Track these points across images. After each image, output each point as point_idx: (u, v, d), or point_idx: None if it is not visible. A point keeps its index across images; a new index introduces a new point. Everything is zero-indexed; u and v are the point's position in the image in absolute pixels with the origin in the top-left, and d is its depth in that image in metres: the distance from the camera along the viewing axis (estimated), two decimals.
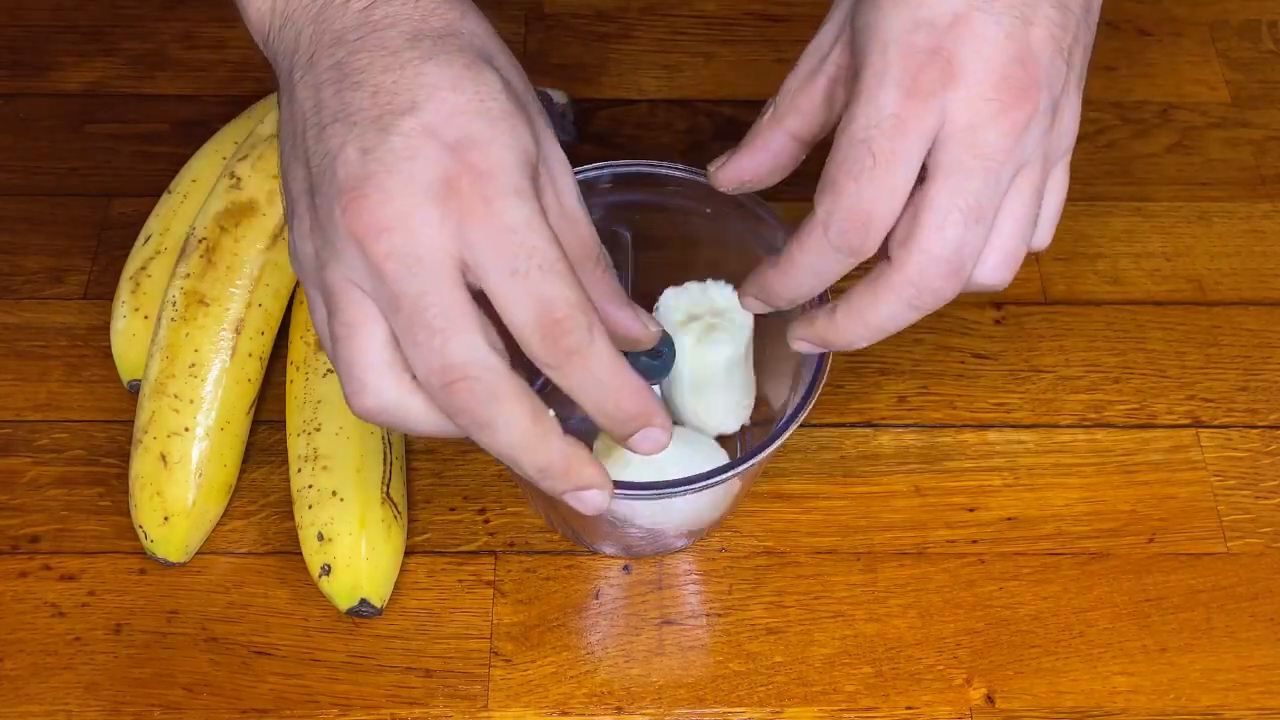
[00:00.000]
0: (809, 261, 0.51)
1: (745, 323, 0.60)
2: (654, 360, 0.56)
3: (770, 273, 0.53)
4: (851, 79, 0.51)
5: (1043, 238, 0.54)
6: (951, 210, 0.48)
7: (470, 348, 0.46)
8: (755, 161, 0.54)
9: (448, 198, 0.46)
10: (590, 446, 0.55)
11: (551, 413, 0.48)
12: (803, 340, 0.54)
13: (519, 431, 0.47)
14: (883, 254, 0.50)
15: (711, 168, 0.56)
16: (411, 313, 0.46)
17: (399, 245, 0.45)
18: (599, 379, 0.47)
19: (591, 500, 0.50)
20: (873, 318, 0.51)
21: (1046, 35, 0.48)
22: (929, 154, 0.48)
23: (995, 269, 0.51)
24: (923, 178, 0.49)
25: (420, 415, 0.48)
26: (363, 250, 0.46)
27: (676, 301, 0.59)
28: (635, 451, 0.50)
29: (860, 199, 0.48)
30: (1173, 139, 0.80)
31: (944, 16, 0.48)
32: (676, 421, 0.62)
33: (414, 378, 0.47)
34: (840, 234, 0.49)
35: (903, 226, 0.49)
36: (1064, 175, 0.53)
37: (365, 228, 0.45)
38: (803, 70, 0.53)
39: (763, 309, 0.55)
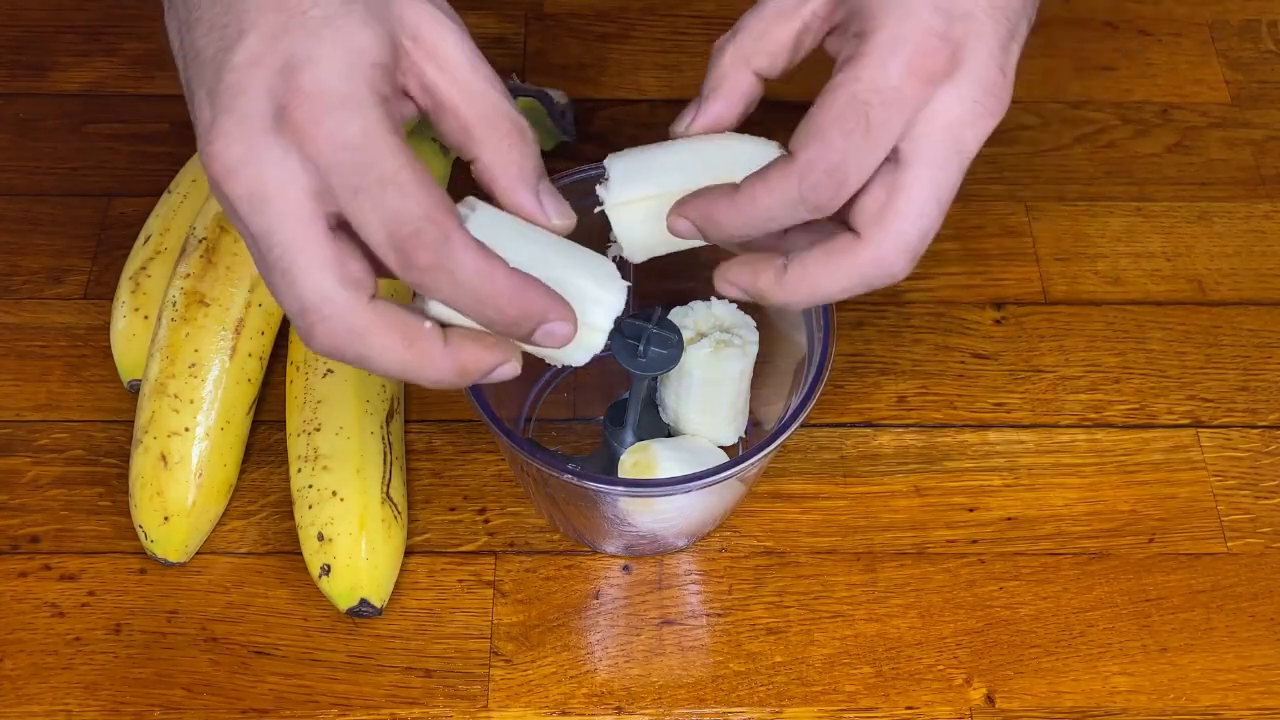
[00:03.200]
0: (770, 204, 0.49)
1: (752, 339, 0.60)
2: (662, 350, 0.56)
3: (722, 203, 0.50)
4: (839, 33, 0.51)
5: None
6: (930, 200, 0.49)
7: (317, 286, 0.45)
8: (729, 108, 0.53)
9: (283, 128, 0.45)
10: (614, 466, 0.54)
11: (428, 323, 0.46)
12: (735, 287, 0.53)
13: (396, 359, 0.46)
14: (836, 220, 0.50)
15: (680, 125, 0.53)
16: (263, 253, 0.45)
17: (247, 186, 0.45)
18: (469, 287, 0.45)
19: (506, 372, 0.48)
20: (826, 285, 0.50)
21: (1017, 55, 0.50)
22: (903, 136, 0.48)
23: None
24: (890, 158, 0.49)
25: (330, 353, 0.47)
26: (223, 195, 0.45)
27: (684, 320, 0.59)
28: (542, 347, 0.48)
29: (845, 158, 0.48)
30: (1173, 139, 0.80)
31: (960, 7, 0.48)
32: (678, 431, 0.62)
33: None
34: (814, 187, 0.48)
35: (874, 204, 0.49)
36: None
37: (218, 173, 0.45)
38: (770, 10, 0.52)
39: (693, 236, 0.52)
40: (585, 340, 0.50)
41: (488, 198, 0.50)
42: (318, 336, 0.46)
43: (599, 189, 0.52)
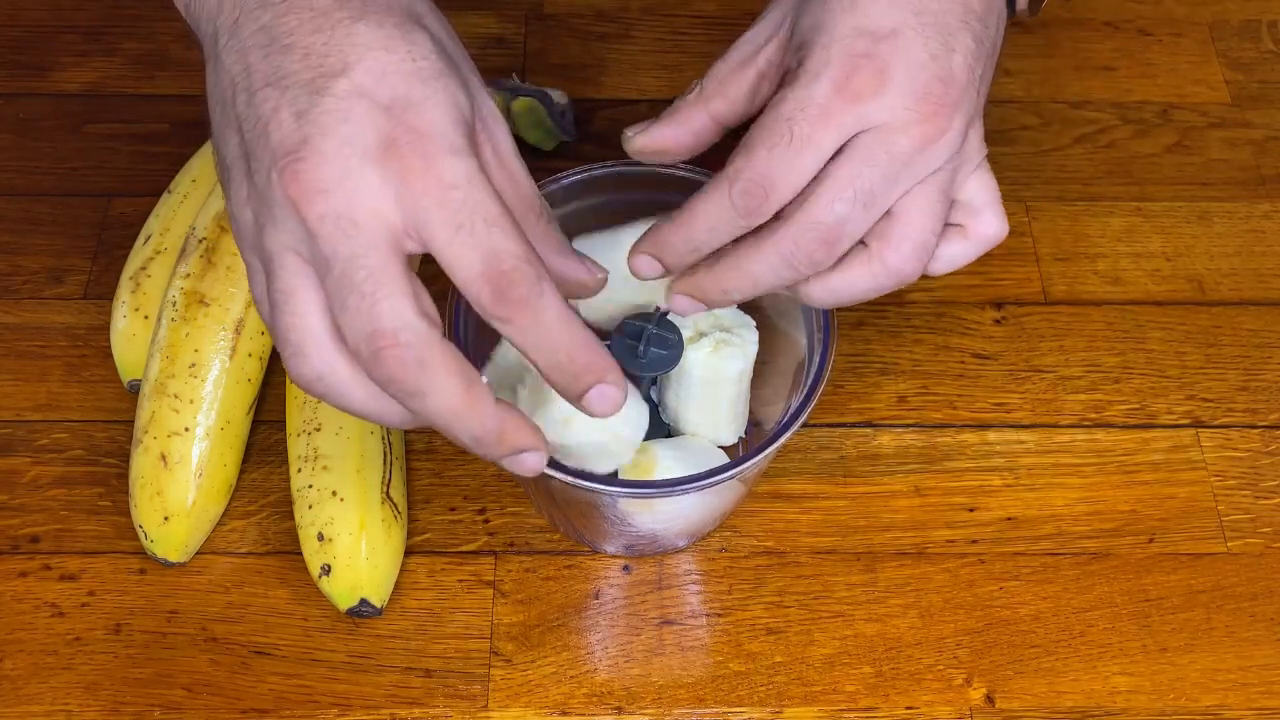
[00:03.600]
0: (708, 214, 0.52)
1: (752, 338, 0.60)
2: (661, 351, 0.57)
3: (667, 227, 0.54)
4: (782, 74, 0.54)
5: (989, 230, 0.57)
6: (846, 188, 0.51)
7: (399, 313, 0.45)
8: (675, 135, 0.56)
9: (387, 159, 0.45)
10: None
11: (485, 379, 0.47)
12: (681, 295, 0.55)
13: (450, 399, 0.46)
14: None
15: (630, 132, 0.57)
16: (342, 275, 0.45)
17: (335, 208, 0.45)
18: (549, 330, 0.47)
19: (527, 463, 0.49)
20: (751, 267, 0.53)
21: (964, 63, 0.52)
22: (843, 146, 0.52)
23: (907, 258, 0.53)
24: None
25: (354, 387, 0.47)
26: (299, 213, 0.45)
27: (682, 320, 0.59)
28: (590, 413, 0.49)
29: (769, 167, 0.51)
30: (1173, 139, 0.80)
31: (884, 28, 0.52)
32: (678, 431, 0.62)
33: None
34: (742, 194, 0.51)
35: (800, 194, 0.52)
36: (983, 177, 0.56)
37: (302, 191, 0.45)
38: (734, 59, 0.56)
39: (653, 270, 0.55)
40: (615, 449, 0.55)
41: None
42: (385, 362, 0.45)
43: None
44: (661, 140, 0.56)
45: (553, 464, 0.55)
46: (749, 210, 0.52)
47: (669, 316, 0.59)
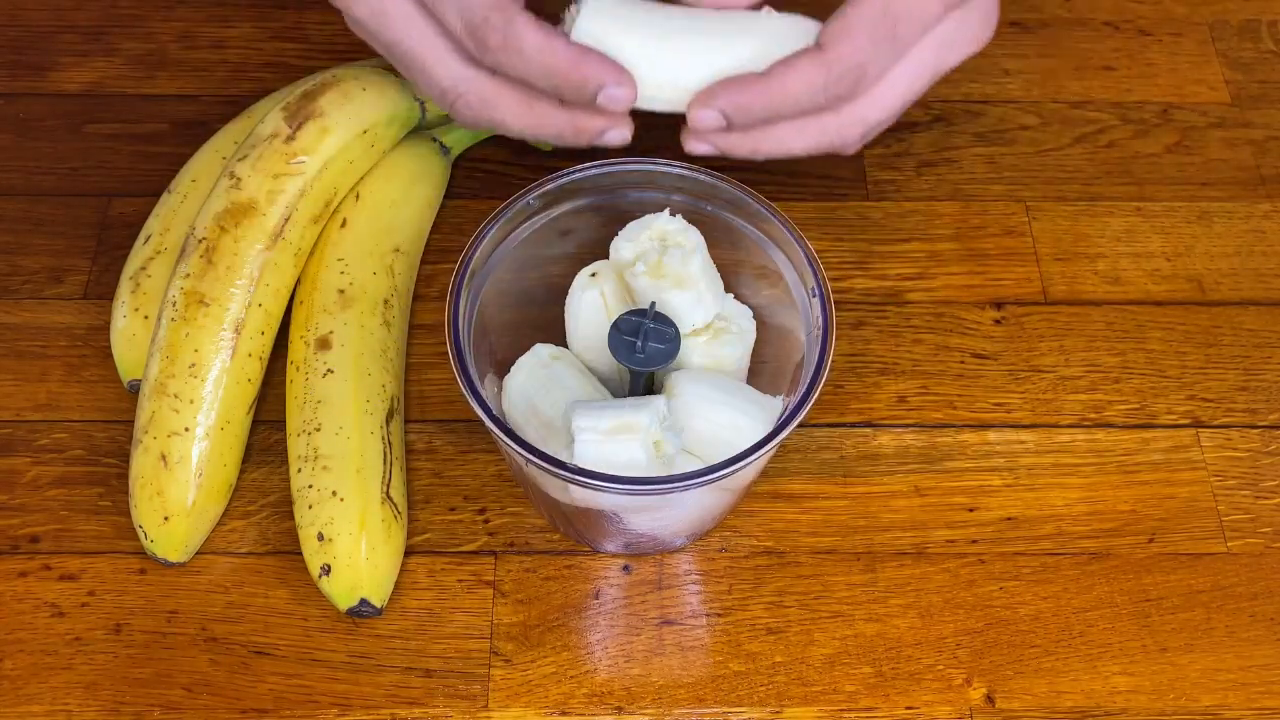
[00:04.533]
0: (799, 88, 0.52)
1: (749, 327, 0.61)
2: (659, 345, 0.57)
3: (749, 89, 0.53)
4: None
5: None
6: (899, 99, 0.54)
7: (447, 72, 0.54)
8: None
9: None
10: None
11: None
12: (703, 141, 0.54)
13: (522, 119, 0.54)
14: None
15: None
16: (398, 58, 0.55)
17: (370, 6, 0.54)
18: (535, 62, 0.52)
19: (615, 138, 0.54)
20: (790, 140, 0.54)
21: None
22: None
23: (872, 126, 0.55)
24: None
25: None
26: (353, 19, 0.56)
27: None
28: (609, 109, 0.53)
29: (870, 59, 0.52)
30: (1173, 139, 0.80)
31: None
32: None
33: None
34: (839, 79, 0.52)
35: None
36: None
37: (345, 3, 0.55)
38: None
39: (716, 124, 0.53)
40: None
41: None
42: (460, 110, 0.55)
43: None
44: None
45: (551, 463, 0.55)
46: (840, 96, 0.53)
47: (662, 309, 0.59)
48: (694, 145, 0.54)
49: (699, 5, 0.54)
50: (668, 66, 0.53)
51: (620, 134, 0.54)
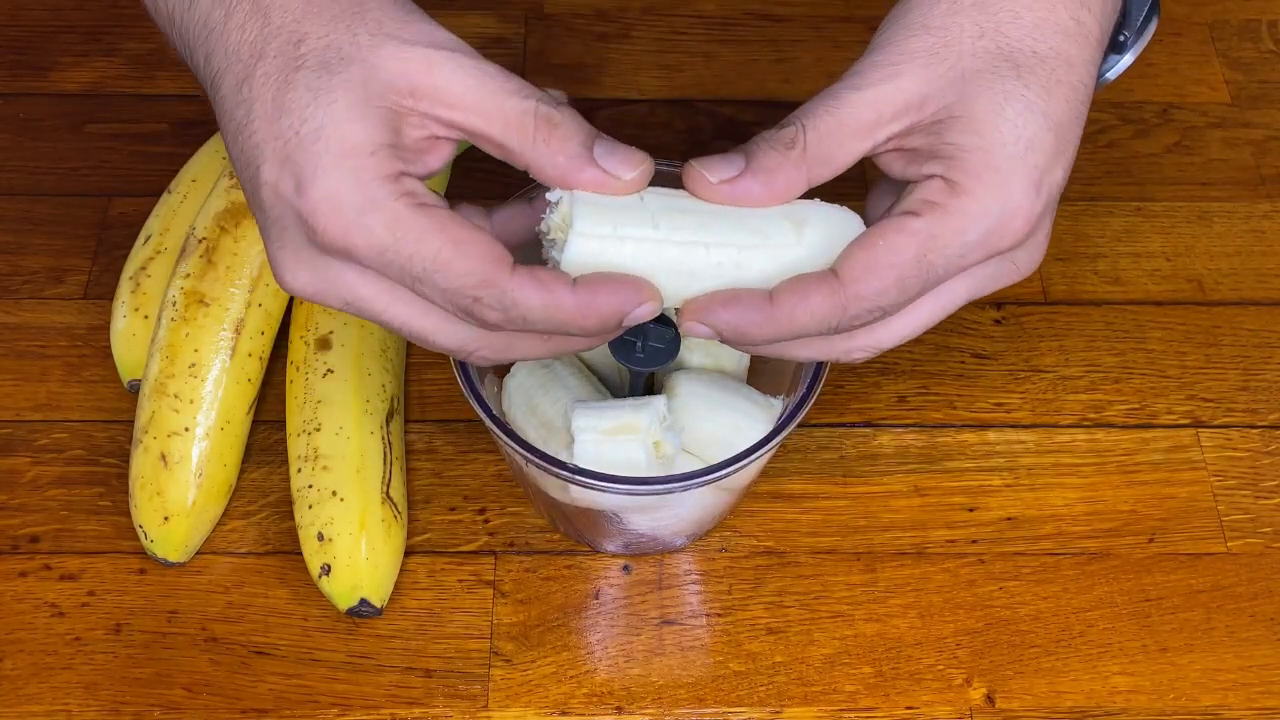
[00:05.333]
0: (806, 324, 0.48)
1: None
2: (659, 345, 0.57)
3: (755, 317, 0.48)
4: (910, 158, 0.49)
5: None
6: (922, 323, 0.51)
7: (451, 339, 0.49)
8: (763, 192, 0.49)
9: (326, 249, 0.47)
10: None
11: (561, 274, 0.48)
12: (702, 327, 0.49)
13: (545, 349, 0.50)
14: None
15: (706, 172, 0.49)
16: (394, 329, 0.49)
17: (341, 299, 0.48)
18: (545, 323, 0.47)
19: (642, 315, 0.48)
20: (794, 350, 0.51)
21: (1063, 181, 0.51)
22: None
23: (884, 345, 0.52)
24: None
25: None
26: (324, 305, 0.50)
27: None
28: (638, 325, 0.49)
29: (894, 304, 0.48)
30: (1173, 139, 0.80)
31: (1049, 185, 0.49)
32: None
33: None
34: (854, 319, 0.48)
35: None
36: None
37: (308, 297, 0.49)
38: (849, 122, 0.49)
39: (709, 336, 0.49)
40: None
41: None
42: (477, 362, 0.51)
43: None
44: (748, 194, 0.49)
45: (551, 463, 0.55)
46: (853, 332, 0.49)
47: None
48: (694, 330, 0.50)
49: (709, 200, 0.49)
50: (674, 284, 0.49)
51: (650, 309, 0.48)
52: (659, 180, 0.62)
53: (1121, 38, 0.54)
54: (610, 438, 0.55)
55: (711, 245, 0.49)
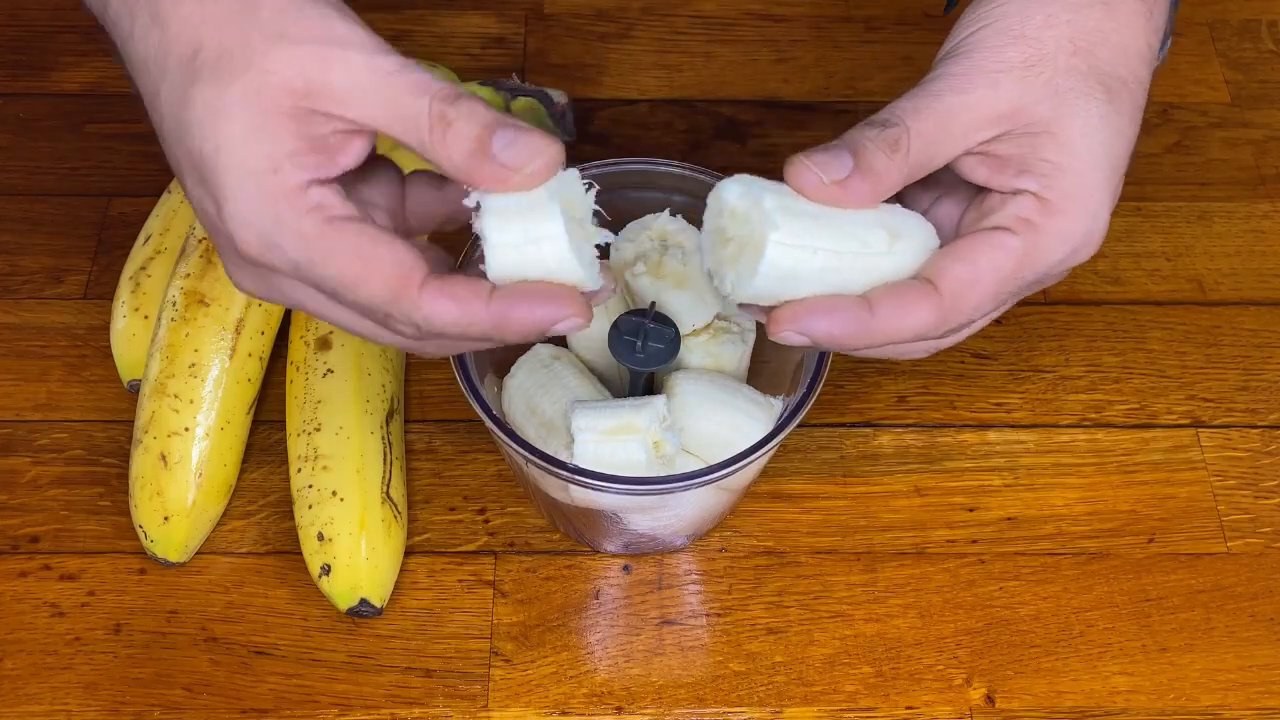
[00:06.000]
0: (900, 332, 0.49)
1: (750, 326, 0.60)
2: (659, 345, 0.57)
3: (853, 325, 0.48)
4: (995, 165, 0.49)
5: None
6: (986, 324, 0.52)
7: (390, 340, 0.49)
8: (874, 191, 0.48)
9: (258, 267, 0.47)
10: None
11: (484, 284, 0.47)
12: (794, 333, 0.50)
13: (480, 346, 0.49)
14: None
15: (826, 176, 0.48)
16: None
17: (289, 300, 0.49)
18: (462, 336, 0.47)
19: (567, 329, 0.47)
20: (870, 349, 0.51)
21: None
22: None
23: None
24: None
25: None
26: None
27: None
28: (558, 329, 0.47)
29: (986, 315, 0.50)
30: (1173, 139, 0.80)
31: (1114, 179, 0.50)
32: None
33: None
34: (949, 331, 0.50)
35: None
36: None
37: (259, 298, 0.50)
38: (947, 124, 0.49)
39: (799, 343, 0.50)
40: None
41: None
42: (424, 357, 0.51)
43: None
44: (859, 196, 0.48)
45: (551, 462, 0.55)
46: (943, 344, 0.51)
47: (662, 309, 0.59)
48: (787, 338, 0.50)
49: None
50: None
51: (574, 324, 0.47)
52: (655, 179, 0.62)
53: None
54: (610, 438, 0.55)
55: (822, 250, 0.48)
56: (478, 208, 0.47)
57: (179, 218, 0.70)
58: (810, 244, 0.47)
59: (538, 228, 0.46)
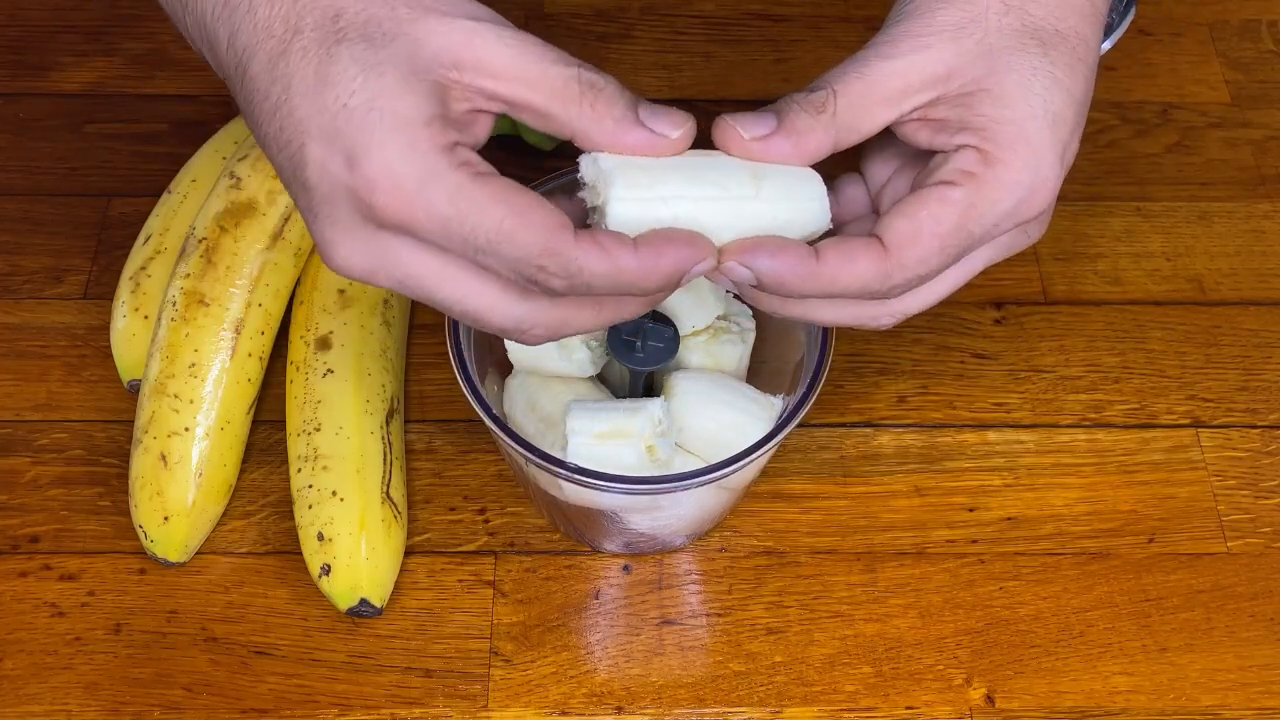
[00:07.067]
0: (846, 284, 0.49)
1: (749, 325, 0.60)
2: (658, 345, 0.57)
3: (801, 268, 0.49)
4: (937, 129, 0.50)
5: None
6: (944, 290, 0.52)
7: (505, 317, 0.47)
8: (792, 151, 0.49)
9: (382, 224, 0.45)
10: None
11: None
12: (743, 265, 0.49)
13: (598, 321, 0.49)
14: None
15: (745, 132, 0.49)
16: (444, 308, 0.48)
17: (393, 279, 0.47)
18: (609, 287, 0.46)
19: (700, 270, 0.48)
20: (820, 312, 0.51)
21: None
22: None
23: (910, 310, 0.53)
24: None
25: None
26: (378, 286, 0.48)
27: (681, 321, 0.60)
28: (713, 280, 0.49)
29: (934, 270, 0.50)
30: (1173, 139, 0.80)
31: (1069, 155, 0.50)
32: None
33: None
34: (895, 287, 0.49)
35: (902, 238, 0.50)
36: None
37: (360, 278, 0.47)
38: (879, 88, 0.49)
39: (748, 281, 0.49)
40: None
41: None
42: (530, 342, 0.49)
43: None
44: (780, 152, 0.49)
45: (551, 462, 0.55)
46: (890, 298, 0.50)
47: (663, 310, 0.59)
48: (717, 278, 0.50)
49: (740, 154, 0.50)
50: (713, 231, 0.48)
51: (707, 263, 0.48)
52: None
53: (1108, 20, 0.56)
54: (603, 441, 0.55)
55: (731, 194, 0.49)
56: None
57: (179, 218, 0.70)
58: (658, 194, 0.47)
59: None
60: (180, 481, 0.63)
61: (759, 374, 0.62)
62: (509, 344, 0.57)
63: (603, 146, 0.48)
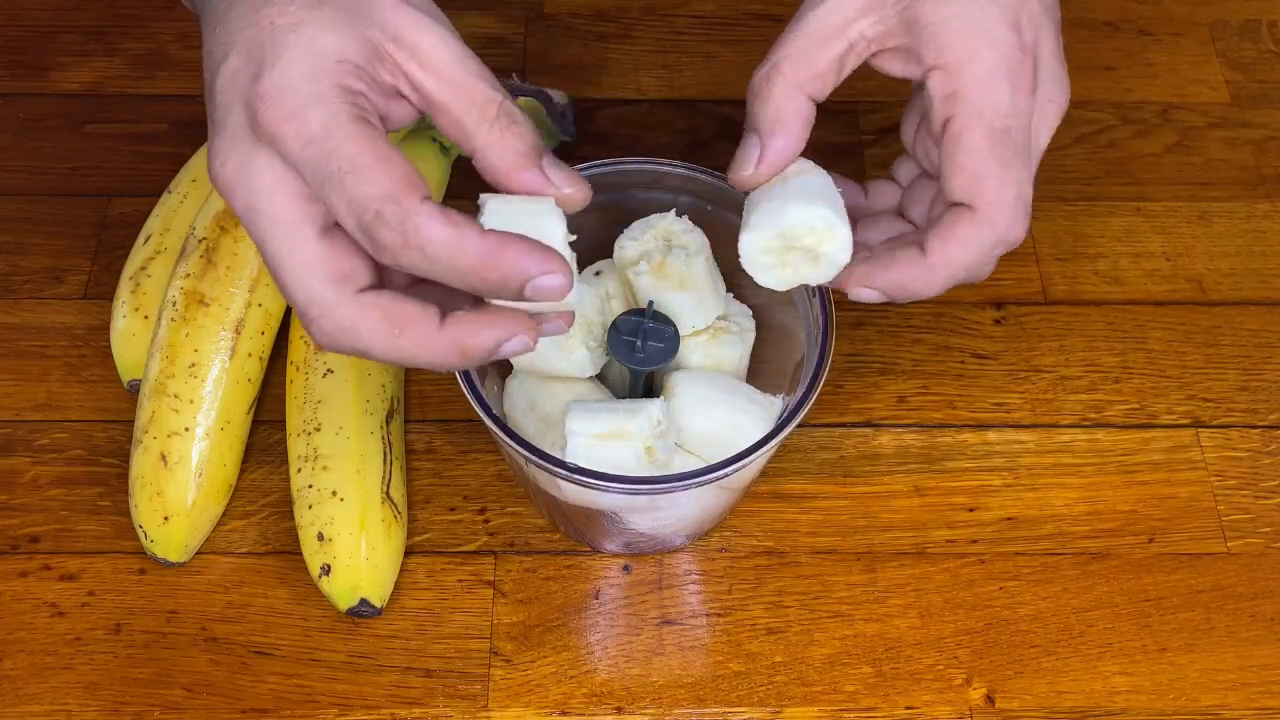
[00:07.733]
0: (967, 259, 0.52)
1: (749, 325, 0.60)
2: (659, 344, 0.57)
3: (914, 271, 0.53)
4: (895, 56, 0.53)
5: None
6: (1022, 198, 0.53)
7: (302, 287, 0.47)
8: (794, 138, 0.53)
9: (259, 134, 0.46)
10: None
11: (420, 307, 0.47)
12: (868, 290, 0.54)
13: (390, 348, 0.48)
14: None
15: (744, 169, 0.54)
16: (265, 260, 0.48)
17: (244, 198, 0.47)
18: (441, 260, 0.46)
19: (517, 346, 0.48)
20: (961, 258, 0.53)
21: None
22: None
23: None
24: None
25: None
26: (231, 210, 0.49)
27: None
28: (536, 300, 0.47)
29: (1021, 187, 0.51)
30: (1173, 139, 0.80)
31: (1027, 16, 0.52)
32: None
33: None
34: (1011, 226, 0.51)
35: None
36: None
37: (222, 190, 0.48)
38: (813, 32, 0.52)
39: (873, 299, 0.54)
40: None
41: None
42: (315, 335, 0.48)
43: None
44: (783, 154, 0.53)
45: (551, 462, 0.55)
46: (1016, 240, 0.52)
47: (664, 310, 0.59)
48: (863, 295, 0.54)
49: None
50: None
51: (522, 342, 0.48)
52: (662, 179, 0.63)
53: None
54: (602, 442, 0.55)
55: None
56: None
57: (179, 218, 0.70)
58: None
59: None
60: (180, 481, 0.63)
61: (759, 374, 0.62)
62: None
63: (497, 173, 0.49)
